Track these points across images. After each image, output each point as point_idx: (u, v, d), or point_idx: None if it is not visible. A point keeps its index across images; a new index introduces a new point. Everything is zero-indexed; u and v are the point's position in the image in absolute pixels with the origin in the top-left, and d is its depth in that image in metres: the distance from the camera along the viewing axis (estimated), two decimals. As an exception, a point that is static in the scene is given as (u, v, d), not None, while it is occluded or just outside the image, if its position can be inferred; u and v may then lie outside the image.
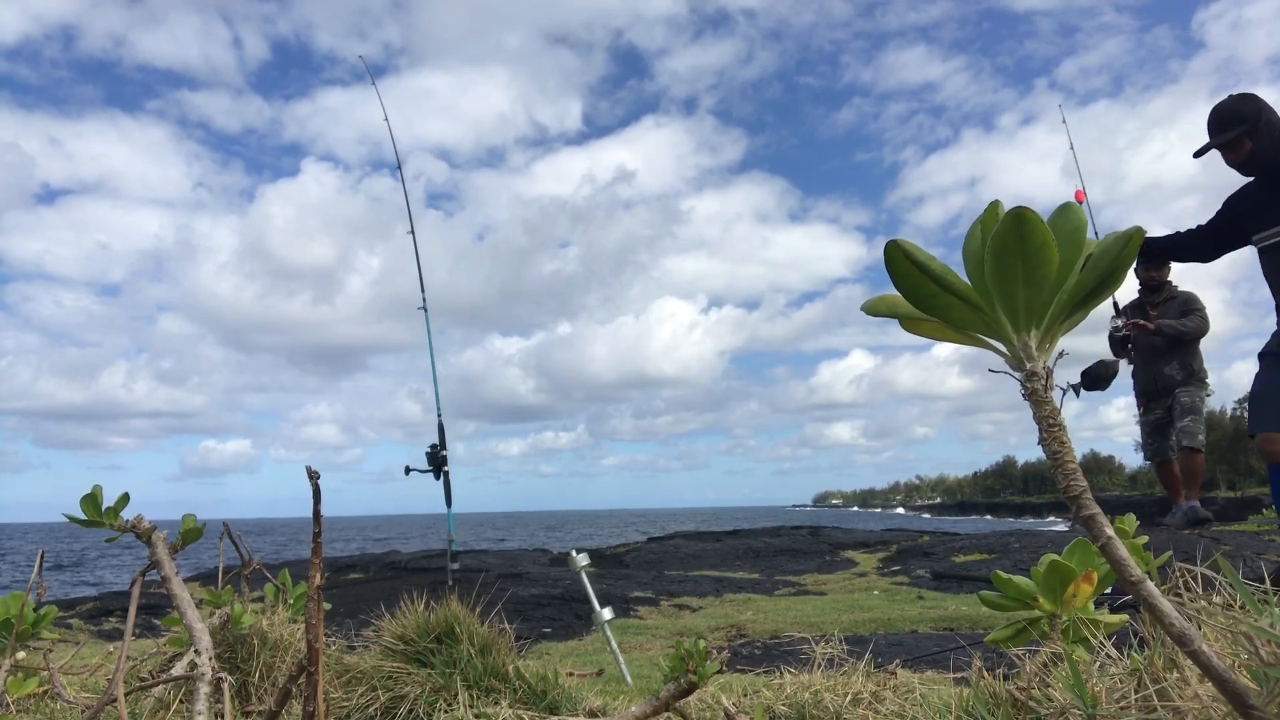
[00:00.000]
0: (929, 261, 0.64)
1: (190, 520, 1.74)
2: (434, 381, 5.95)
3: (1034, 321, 0.64)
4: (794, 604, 5.52)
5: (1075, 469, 0.66)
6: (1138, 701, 0.90)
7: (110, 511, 1.66)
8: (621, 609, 5.40)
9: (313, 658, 1.23)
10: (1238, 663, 0.83)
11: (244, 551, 2.19)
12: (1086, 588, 1.28)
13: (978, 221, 0.65)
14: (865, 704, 1.54)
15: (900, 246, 0.65)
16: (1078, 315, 0.66)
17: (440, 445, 5.60)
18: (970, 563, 7.36)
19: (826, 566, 8.46)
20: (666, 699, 1.45)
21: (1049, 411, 0.65)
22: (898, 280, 0.66)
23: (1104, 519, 0.67)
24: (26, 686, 1.75)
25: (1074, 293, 0.64)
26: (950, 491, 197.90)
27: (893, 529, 15.38)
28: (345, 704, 1.75)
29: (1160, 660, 0.93)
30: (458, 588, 2.30)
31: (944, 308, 0.65)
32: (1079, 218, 0.64)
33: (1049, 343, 0.66)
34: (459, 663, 1.78)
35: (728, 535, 12.85)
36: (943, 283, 0.64)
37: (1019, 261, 0.62)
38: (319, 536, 1.25)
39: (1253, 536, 8.02)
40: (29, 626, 1.84)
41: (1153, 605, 0.65)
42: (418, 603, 1.94)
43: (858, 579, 7.12)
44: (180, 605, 1.56)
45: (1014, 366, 0.67)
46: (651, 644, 4.06)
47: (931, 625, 4.34)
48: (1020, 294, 0.63)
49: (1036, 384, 0.65)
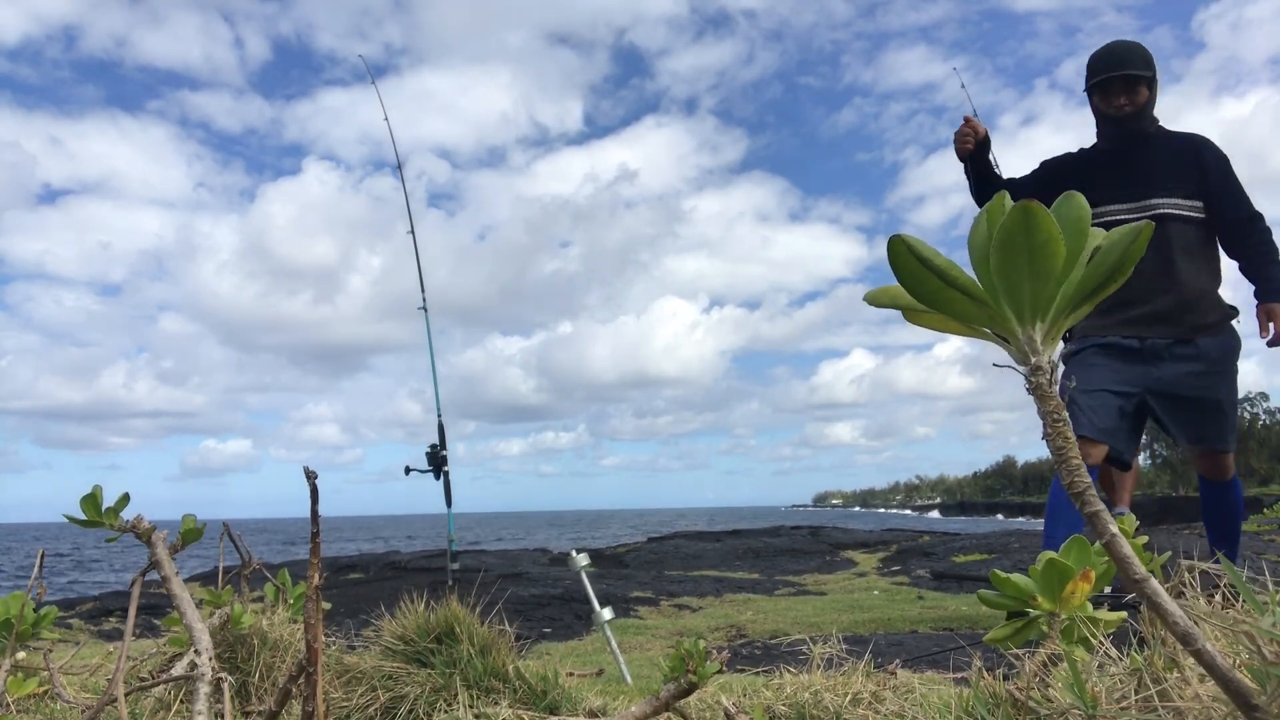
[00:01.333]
0: (933, 256, 0.64)
1: (190, 520, 1.74)
2: (434, 381, 5.95)
3: (1039, 315, 0.64)
4: (794, 604, 5.52)
5: (1079, 465, 0.65)
6: (1138, 701, 0.90)
7: (110, 511, 1.65)
8: (621, 609, 5.40)
9: (312, 658, 1.22)
10: (1239, 662, 0.82)
11: (244, 551, 2.18)
12: (1084, 586, 1.28)
13: (983, 213, 0.65)
14: (865, 704, 1.54)
15: (904, 241, 0.64)
16: (1083, 309, 0.66)
17: (440, 445, 5.60)
18: (970, 563, 7.36)
19: (826, 566, 8.45)
20: (666, 699, 1.45)
21: (1053, 407, 0.65)
22: (901, 275, 0.66)
23: (1108, 516, 0.67)
24: (26, 686, 1.75)
25: (1080, 286, 0.63)
26: (950, 491, 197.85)
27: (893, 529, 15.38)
28: (345, 704, 1.74)
29: (1160, 660, 0.93)
30: (458, 588, 2.29)
31: (947, 302, 0.65)
32: (1083, 208, 0.64)
33: (1054, 337, 0.65)
34: (459, 663, 1.78)
35: (728, 535, 12.85)
36: (946, 277, 0.63)
37: (1025, 255, 0.61)
38: (318, 536, 1.25)
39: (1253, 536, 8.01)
40: (29, 626, 1.84)
41: (1157, 604, 0.65)
42: (418, 603, 1.94)
43: (858, 579, 7.11)
44: (180, 605, 1.55)
45: (1019, 361, 0.66)
46: (651, 644, 4.06)
47: (931, 625, 4.34)
48: (1026, 287, 0.62)
49: (1041, 378, 0.64)
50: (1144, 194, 3.46)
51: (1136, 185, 3.48)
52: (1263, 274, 3.45)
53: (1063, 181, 3.27)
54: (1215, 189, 3.47)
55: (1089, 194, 3.58)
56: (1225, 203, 3.47)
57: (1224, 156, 3.52)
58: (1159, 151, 3.51)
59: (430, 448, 5.61)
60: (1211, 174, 3.47)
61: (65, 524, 1.63)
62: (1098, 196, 3.40)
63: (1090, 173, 3.55)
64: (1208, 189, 3.46)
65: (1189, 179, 3.46)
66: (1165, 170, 3.47)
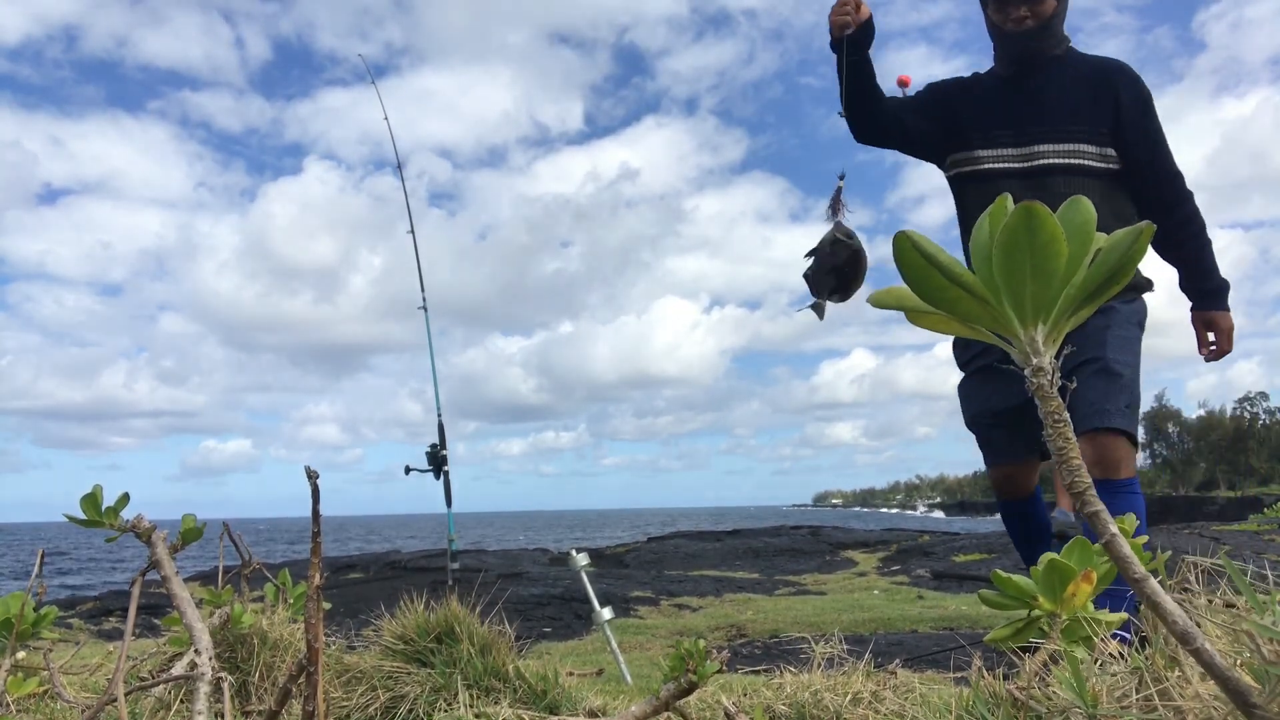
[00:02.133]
0: (937, 253, 0.63)
1: (190, 520, 1.74)
2: (434, 381, 5.95)
3: (1041, 316, 0.64)
4: (794, 604, 5.52)
5: (1080, 465, 0.65)
6: (1139, 701, 0.90)
7: (110, 511, 1.65)
8: (621, 609, 5.40)
9: (312, 657, 1.22)
10: (1240, 661, 0.83)
11: (244, 551, 2.18)
12: (1086, 586, 1.28)
13: (986, 214, 0.65)
14: (865, 704, 1.54)
15: (909, 237, 0.64)
16: (1085, 310, 0.66)
17: (441, 445, 5.59)
18: (970, 562, 7.36)
19: (826, 566, 8.46)
20: (666, 699, 1.45)
21: (1054, 407, 0.65)
22: (905, 271, 0.66)
23: (1108, 516, 0.67)
24: (27, 686, 1.75)
25: (1082, 287, 0.63)
26: (950, 491, 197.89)
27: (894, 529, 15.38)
28: (345, 704, 1.74)
29: (1161, 659, 0.93)
30: (458, 587, 2.29)
31: (951, 300, 0.65)
32: (1088, 211, 0.64)
33: (1056, 338, 0.65)
34: (459, 662, 1.78)
35: (728, 535, 12.86)
36: (951, 275, 0.63)
37: (1028, 255, 0.61)
38: (318, 536, 1.25)
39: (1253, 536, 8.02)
40: (29, 626, 1.84)
41: (1156, 603, 0.65)
42: (418, 602, 1.94)
43: (858, 579, 7.12)
44: (180, 605, 1.55)
45: (1020, 361, 0.66)
46: (651, 644, 4.06)
47: (931, 625, 4.34)
48: (1028, 288, 0.62)
49: (1043, 379, 0.64)
50: (1036, 138, 2.68)
51: (1027, 126, 2.70)
52: (1195, 268, 2.70)
53: (945, 115, 2.81)
54: (1129, 136, 2.65)
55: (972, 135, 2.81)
56: (1139, 155, 2.66)
57: (1146, 94, 2.70)
58: (1063, 82, 2.72)
59: (430, 447, 5.61)
60: (1125, 114, 2.65)
61: (65, 524, 1.63)
62: (981, 139, 2.74)
63: (977, 107, 2.78)
64: (1120, 135, 2.65)
65: (1099, 119, 2.66)
66: (1066, 107, 2.68)
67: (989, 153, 2.74)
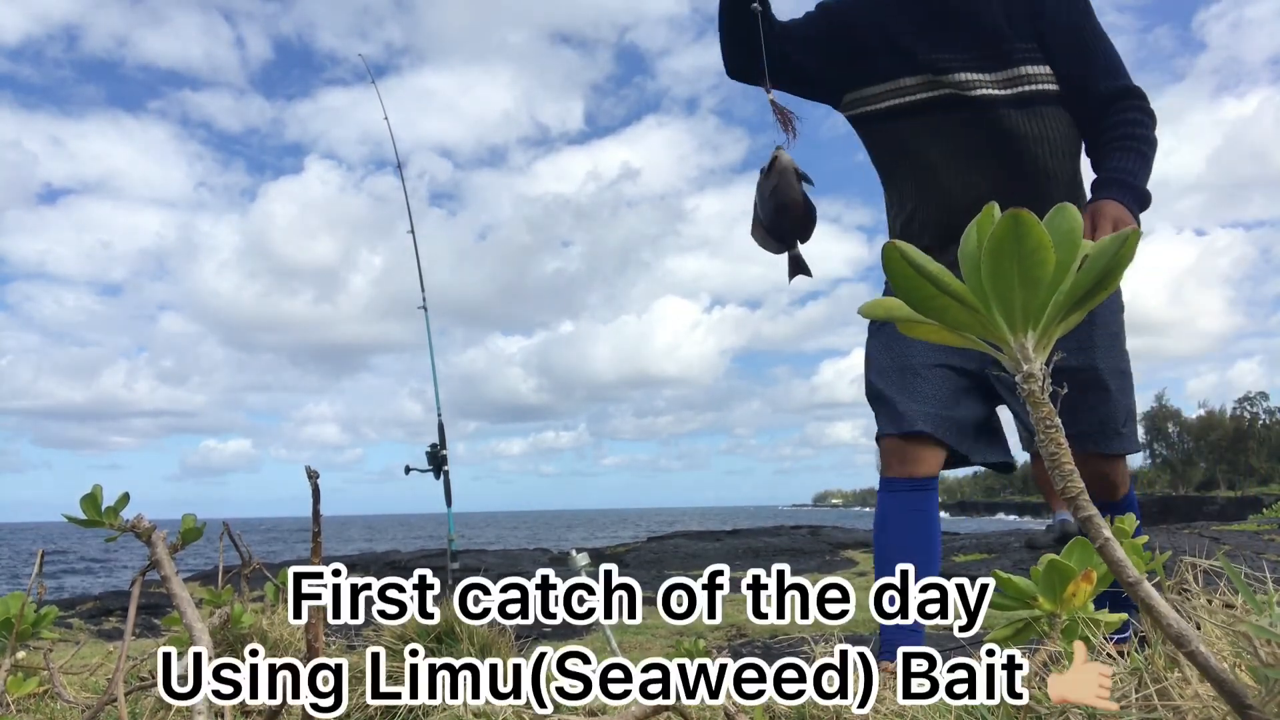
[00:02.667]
0: (926, 263, 0.64)
1: (190, 520, 1.74)
2: (434, 381, 5.96)
3: (1031, 323, 0.64)
4: (794, 604, 5.53)
5: (1073, 470, 0.66)
6: (1138, 701, 0.90)
7: (110, 511, 1.65)
8: (621, 609, 5.40)
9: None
10: (1239, 662, 0.83)
11: (244, 551, 2.19)
12: (1086, 587, 1.28)
13: (974, 223, 0.65)
14: (865, 704, 1.54)
15: (898, 248, 0.65)
16: (1074, 316, 0.66)
17: (441, 445, 5.60)
18: (970, 563, 7.36)
19: (827, 566, 8.46)
20: (666, 699, 1.45)
21: (1046, 413, 0.65)
22: (895, 281, 0.66)
23: (1101, 520, 0.67)
24: (26, 686, 1.75)
25: (1070, 294, 0.64)
26: (950, 491, 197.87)
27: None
28: (345, 703, 1.75)
29: (1161, 659, 0.93)
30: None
31: (941, 309, 0.65)
32: (1074, 218, 0.64)
33: (1045, 344, 0.66)
34: (459, 662, 1.78)
35: (728, 535, 12.87)
36: (939, 284, 0.64)
37: (1015, 263, 0.61)
38: (319, 536, 1.25)
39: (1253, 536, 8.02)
40: (29, 626, 1.84)
41: (1150, 606, 0.66)
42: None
43: (858, 578, 7.11)
44: (180, 605, 1.56)
45: (1011, 368, 0.67)
46: (651, 644, 4.06)
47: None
48: (1017, 295, 0.63)
49: (1034, 385, 0.65)
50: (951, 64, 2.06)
51: (939, 47, 2.08)
52: (1109, 160, 2.03)
53: (844, 35, 2.19)
54: (1059, 45, 2.06)
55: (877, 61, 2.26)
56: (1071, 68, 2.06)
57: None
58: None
59: (430, 447, 5.61)
60: (1047, 18, 2.05)
61: (65, 524, 1.63)
62: (885, 64, 2.13)
63: (878, 25, 2.14)
64: (1048, 47, 2.05)
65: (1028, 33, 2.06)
66: (986, 19, 2.05)
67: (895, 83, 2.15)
